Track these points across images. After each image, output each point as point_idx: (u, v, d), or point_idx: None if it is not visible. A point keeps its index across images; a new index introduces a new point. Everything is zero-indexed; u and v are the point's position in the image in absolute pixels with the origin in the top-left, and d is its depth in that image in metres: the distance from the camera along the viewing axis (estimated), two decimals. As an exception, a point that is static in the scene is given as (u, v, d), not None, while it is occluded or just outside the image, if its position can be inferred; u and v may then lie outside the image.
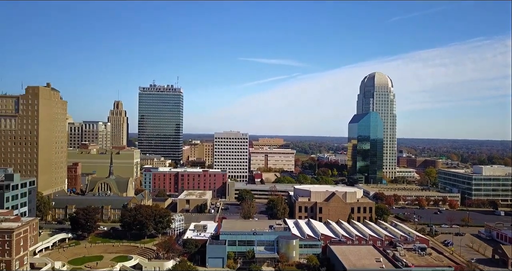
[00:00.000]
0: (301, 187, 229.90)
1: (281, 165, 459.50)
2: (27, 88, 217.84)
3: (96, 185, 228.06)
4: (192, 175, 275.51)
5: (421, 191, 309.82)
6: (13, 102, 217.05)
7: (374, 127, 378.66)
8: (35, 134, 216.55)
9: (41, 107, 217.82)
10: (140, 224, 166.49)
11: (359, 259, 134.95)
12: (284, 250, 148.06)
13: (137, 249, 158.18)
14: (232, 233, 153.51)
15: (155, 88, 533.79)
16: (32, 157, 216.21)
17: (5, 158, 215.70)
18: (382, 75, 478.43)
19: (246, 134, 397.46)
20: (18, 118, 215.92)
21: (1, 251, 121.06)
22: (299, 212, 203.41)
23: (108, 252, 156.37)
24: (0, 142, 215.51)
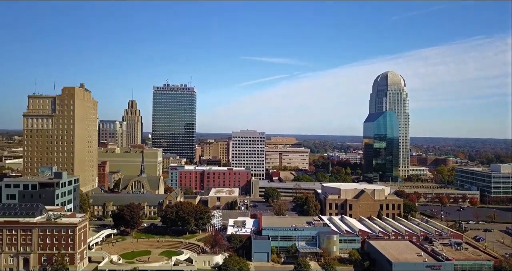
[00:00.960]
0: (330, 185, 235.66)
1: (296, 164, 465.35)
2: (63, 89, 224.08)
3: (130, 183, 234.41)
4: (217, 173, 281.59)
5: (439, 189, 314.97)
6: (49, 103, 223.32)
7: (390, 126, 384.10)
8: (71, 133, 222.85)
9: (76, 108, 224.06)
10: (182, 220, 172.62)
11: (400, 254, 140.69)
12: (325, 245, 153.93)
13: (181, 244, 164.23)
14: (274, 229, 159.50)
15: (169, 87, 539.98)
16: (68, 156, 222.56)
17: (42, 157, 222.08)
18: (395, 74, 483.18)
19: (263, 133, 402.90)
20: (54, 118, 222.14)
21: (65, 245, 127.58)
22: (330, 209, 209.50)
23: (154, 247, 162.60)
24: (38, 141, 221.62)
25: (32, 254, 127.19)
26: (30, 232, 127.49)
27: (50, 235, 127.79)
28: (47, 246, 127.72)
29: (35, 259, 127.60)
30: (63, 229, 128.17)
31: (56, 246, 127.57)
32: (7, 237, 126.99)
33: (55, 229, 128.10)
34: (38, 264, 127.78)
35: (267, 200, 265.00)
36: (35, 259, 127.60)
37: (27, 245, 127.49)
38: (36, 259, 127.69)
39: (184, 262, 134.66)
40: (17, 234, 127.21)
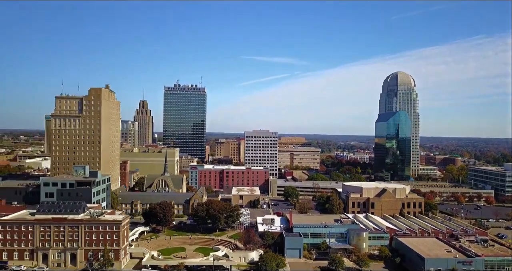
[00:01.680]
0: (351, 184, 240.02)
1: (307, 163, 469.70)
2: (90, 90, 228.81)
3: (154, 182, 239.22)
4: (236, 172, 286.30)
5: (453, 188, 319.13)
6: (76, 103, 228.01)
7: (403, 126, 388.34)
8: (97, 133, 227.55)
9: (102, 108, 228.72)
10: (212, 217, 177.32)
11: (430, 250, 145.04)
12: (355, 241, 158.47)
13: (213, 241, 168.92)
14: (304, 226, 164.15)
15: (179, 88, 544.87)
16: (95, 155, 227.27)
17: (70, 156, 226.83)
18: (405, 74, 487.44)
19: (275, 133, 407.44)
20: (81, 118, 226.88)
21: (110, 241, 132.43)
22: (352, 207, 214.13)
23: (187, 244, 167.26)
24: (65, 141, 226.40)
25: (79, 250, 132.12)
26: (77, 228, 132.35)
27: (96, 232, 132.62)
28: (93, 242, 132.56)
29: (82, 254, 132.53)
30: (109, 226, 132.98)
31: (102, 242, 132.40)
32: (54, 234, 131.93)
33: (100, 225, 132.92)
34: (85, 259, 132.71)
35: (286, 199, 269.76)
36: (82, 254, 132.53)
37: (74, 241, 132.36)
38: (83, 254, 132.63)
39: (224, 258, 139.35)
40: (64, 231, 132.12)
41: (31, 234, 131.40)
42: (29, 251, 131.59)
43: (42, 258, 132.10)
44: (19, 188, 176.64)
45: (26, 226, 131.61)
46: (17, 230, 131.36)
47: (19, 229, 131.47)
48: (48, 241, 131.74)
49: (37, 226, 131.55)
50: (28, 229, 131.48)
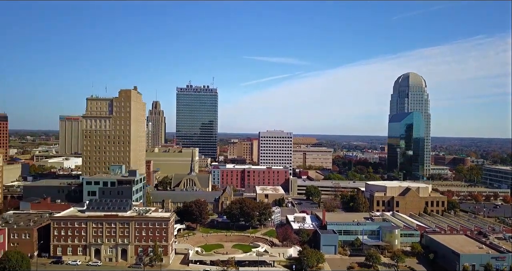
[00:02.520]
0: (375, 183, 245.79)
1: (319, 163, 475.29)
2: (120, 92, 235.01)
3: (182, 181, 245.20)
4: (257, 171, 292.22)
5: (469, 187, 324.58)
6: (106, 105, 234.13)
7: (417, 126, 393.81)
8: (127, 134, 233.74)
9: (132, 109, 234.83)
10: (246, 215, 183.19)
11: (462, 246, 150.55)
12: (387, 238, 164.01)
13: (248, 238, 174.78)
14: (338, 224, 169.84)
15: (191, 88, 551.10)
16: (125, 155, 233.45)
17: (100, 156, 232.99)
18: (416, 75, 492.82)
19: (290, 133, 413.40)
20: (112, 119, 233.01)
21: (159, 237, 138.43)
22: (377, 206, 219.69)
23: (224, 241, 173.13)
24: (96, 141, 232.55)
25: (129, 246, 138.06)
26: (127, 225, 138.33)
27: (145, 228, 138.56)
28: (143, 238, 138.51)
29: (132, 250, 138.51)
30: (158, 223, 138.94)
31: (151, 238, 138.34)
32: (106, 230, 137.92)
33: (150, 222, 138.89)
34: (135, 254, 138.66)
35: (307, 198, 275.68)
36: (132, 250, 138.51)
37: (124, 237, 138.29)
38: (133, 250, 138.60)
39: (267, 253, 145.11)
40: (115, 227, 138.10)
41: (84, 230, 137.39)
42: (82, 246, 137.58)
43: (94, 253, 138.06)
44: (61, 186, 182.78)
45: (80, 223, 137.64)
46: (70, 227, 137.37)
47: (73, 225, 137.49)
48: (100, 237, 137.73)
49: (90, 222, 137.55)
50: (82, 226, 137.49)
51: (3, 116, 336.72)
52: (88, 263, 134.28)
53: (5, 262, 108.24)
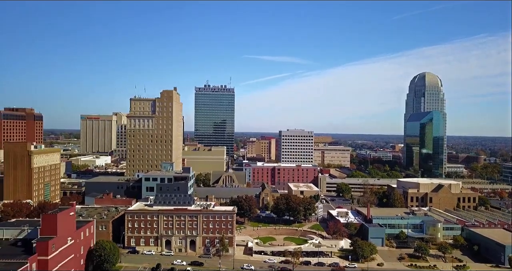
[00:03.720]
0: (407, 180, 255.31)
1: (338, 161, 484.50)
2: (162, 92, 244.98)
3: (221, 178, 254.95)
4: (287, 169, 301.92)
5: (490, 184, 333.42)
6: (149, 105, 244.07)
7: (436, 125, 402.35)
8: (169, 133, 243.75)
9: (173, 109, 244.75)
10: (292, 210, 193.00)
11: (504, 239, 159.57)
12: (430, 231, 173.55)
13: (297, 232, 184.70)
14: (383, 218, 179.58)
15: (209, 88, 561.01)
16: (167, 153, 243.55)
17: (144, 154, 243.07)
18: (432, 75, 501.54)
19: (311, 132, 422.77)
20: (154, 118, 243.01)
21: (224, 229, 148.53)
22: (411, 202, 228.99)
23: (274, 234, 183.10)
24: (140, 140, 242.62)
25: (197, 237, 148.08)
26: (196, 218, 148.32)
27: (212, 221, 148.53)
28: (210, 230, 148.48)
29: (200, 241, 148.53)
30: (223, 216, 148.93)
31: (217, 230, 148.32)
32: (176, 222, 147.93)
33: (216, 215, 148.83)
34: (202, 245, 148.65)
35: (338, 194, 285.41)
36: (200, 241, 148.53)
37: (193, 229, 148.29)
38: (201, 241, 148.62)
39: (324, 245, 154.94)
40: (185, 220, 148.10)
41: (156, 222, 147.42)
42: (154, 237, 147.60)
43: (165, 244, 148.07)
44: (120, 182, 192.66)
45: (152, 216, 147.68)
46: (143, 219, 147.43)
47: (145, 218, 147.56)
48: (170, 229, 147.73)
49: (161, 215, 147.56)
50: (153, 218, 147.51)
51: (39, 116, 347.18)
52: (162, 253, 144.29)
53: (100, 250, 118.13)
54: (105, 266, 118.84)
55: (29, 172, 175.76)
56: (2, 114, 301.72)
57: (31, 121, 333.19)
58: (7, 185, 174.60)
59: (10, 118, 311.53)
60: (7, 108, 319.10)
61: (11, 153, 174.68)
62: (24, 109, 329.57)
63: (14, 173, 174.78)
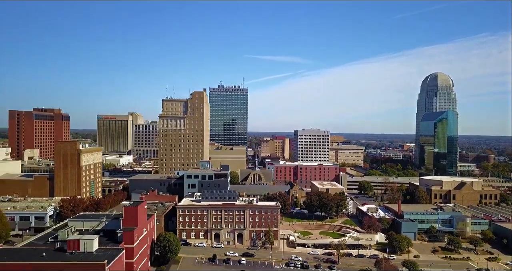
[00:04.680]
0: (429, 178, 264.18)
1: (351, 160, 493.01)
2: (193, 93, 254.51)
3: (249, 176, 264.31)
4: (309, 168, 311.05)
5: (506, 182, 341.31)
6: (181, 105, 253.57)
7: (451, 125, 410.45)
8: (200, 132, 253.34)
9: (204, 109, 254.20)
10: (325, 206, 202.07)
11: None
12: (459, 226, 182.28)
13: (330, 227, 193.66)
14: (413, 213, 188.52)
15: (223, 88, 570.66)
16: (198, 152, 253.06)
17: (176, 153, 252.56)
18: (444, 75, 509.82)
19: (327, 132, 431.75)
20: (186, 119, 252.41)
21: (270, 223, 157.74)
22: (434, 199, 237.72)
23: (309, 229, 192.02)
24: (172, 139, 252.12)
25: (245, 230, 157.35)
26: (243, 212, 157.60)
27: (258, 215, 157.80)
28: (256, 224, 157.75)
29: (247, 234, 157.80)
30: (269, 210, 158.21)
31: (263, 224, 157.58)
32: (224, 217, 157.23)
33: (262, 210, 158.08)
34: (249, 238, 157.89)
35: (360, 192, 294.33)
36: (247, 234, 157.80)
37: (240, 223, 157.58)
38: (248, 234, 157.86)
39: (363, 238, 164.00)
40: (232, 214, 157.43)
41: (206, 217, 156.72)
42: (204, 231, 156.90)
43: (214, 237, 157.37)
44: (162, 180, 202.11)
45: (202, 210, 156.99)
46: (194, 214, 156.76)
47: (196, 212, 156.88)
48: (219, 222, 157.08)
49: (211, 210, 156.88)
50: (203, 213, 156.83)
51: (66, 116, 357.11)
52: (212, 246, 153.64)
53: (165, 241, 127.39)
54: (169, 256, 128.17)
55: (79, 170, 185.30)
56: (34, 114, 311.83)
57: (59, 122, 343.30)
58: (58, 182, 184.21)
59: (41, 118, 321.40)
60: (36, 108, 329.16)
61: (62, 152, 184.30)
62: (53, 110, 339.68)
63: (64, 171, 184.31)
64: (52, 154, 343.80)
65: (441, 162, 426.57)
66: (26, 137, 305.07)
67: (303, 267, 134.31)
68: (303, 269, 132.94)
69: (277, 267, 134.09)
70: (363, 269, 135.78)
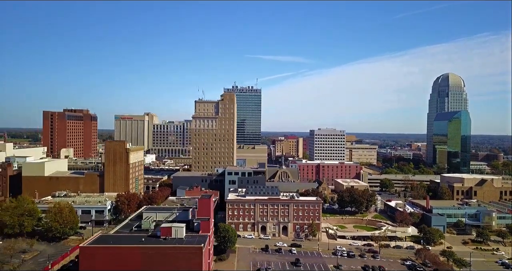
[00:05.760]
0: (450, 175, 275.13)
1: (365, 159, 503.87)
2: (224, 95, 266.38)
3: (277, 174, 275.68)
4: (331, 166, 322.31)
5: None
6: (213, 106, 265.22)
7: (465, 124, 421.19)
8: (231, 132, 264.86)
9: (234, 110, 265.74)
10: (356, 202, 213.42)
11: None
12: (486, 220, 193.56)
13: (362, 221, 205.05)
14: (442, 208, 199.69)
15: (237, 89, 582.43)
16: (229, 151, 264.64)
17: (208, 152, 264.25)
18: (456, 76, 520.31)
19: (343, 132, 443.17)
20: (217, 119, 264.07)
21: (312, 217, 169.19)
22: (456, 195, 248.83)
23: (342, 223, 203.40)
24: (204, 139, 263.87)
25: (289, 223, 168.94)
26: (287, 206, 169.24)
27: (301, 209, 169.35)
28: (299, 217, 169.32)
29: (291, 227, 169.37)
30: (311, 205, 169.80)
31: (306, 217, 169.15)
32: (270, 210, 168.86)
33: (305, 204, 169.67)
34: (293, 230, 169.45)
35: (381, 189, 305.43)
36: (291, 227, 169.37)
37: (285, 216, 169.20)
38: (292, 227, 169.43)
39: (400, 230, 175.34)
40: (277, 208, 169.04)
41: (253, 210, 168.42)
42: (251, 224, 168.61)
43: (261, 229, 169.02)
44: (204, 176, 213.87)
45: (249, 204, 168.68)
46: (241, 208, 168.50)
47: (243, 206, 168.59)
48: (265, 216, 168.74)
49: (257, 204, 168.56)
50: (250, 207, 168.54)
51: (94, 117, 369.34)
52: (260, 237, 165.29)
53: (224, 232, 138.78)
54: (227, 246, 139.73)
55: (127, 167, 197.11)
56: (66, 115, 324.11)
57: (88, 122, 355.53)
58: (107, 178, 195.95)
59: (72, 119, 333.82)
60: (66, 109, 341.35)
61: (112, 150, 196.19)
62: (82, 111, 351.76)
63: (113, 168, 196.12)
64: (82, 153, 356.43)
65: (453, 161, 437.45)
66: (59, 137, 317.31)
67: (350, 256, 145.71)
68: (350, 258, 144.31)
69: (326, 256, 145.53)
70: (404, 258, 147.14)
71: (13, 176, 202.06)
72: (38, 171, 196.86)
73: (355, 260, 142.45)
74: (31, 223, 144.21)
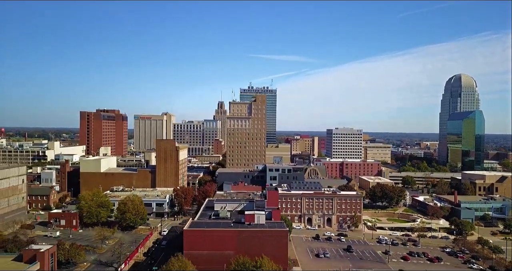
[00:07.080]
0: (472, 172, 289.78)
1: (379, 158, 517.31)
2: (257, 96, 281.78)
3: (307, 171, 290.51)
4: (354, 164, 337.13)
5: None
6: (246, 107, 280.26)
7: (479, 124, 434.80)
8: (263, 131, 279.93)
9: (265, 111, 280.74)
10: (387, 197, 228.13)
11: None
12: (511, 213, 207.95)
13: (394, 214, 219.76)
14: (469, 202, 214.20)
15: (252, 89, 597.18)
16: (261, 149, 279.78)
17: (241, 150, 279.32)
18: (468, 76, 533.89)
19: (360, 131, 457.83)
20: (250, 119, 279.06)
21: (354, 209, 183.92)
22: (478, 191, 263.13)
23: (375, 216, 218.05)
24: (239, 138, 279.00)
25: (333, 216, 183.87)
26: (331, 200, 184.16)
27: (344, 202, 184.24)
28: (342, 210, 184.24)
29: (335, 219, 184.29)
30: (353, 198, 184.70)
31: (348, 210, 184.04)
32: (315, 203, 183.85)
33: (348, 198, 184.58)
34: (336, 222, 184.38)
35: (403, 186, 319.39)
36: (335, 219, 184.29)
37: (329, 209, 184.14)
38: (335, 219, 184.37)
39: (433, 222, 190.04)
40: (322, 202, 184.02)
41: (300, 203, 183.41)
42: (298, 216, 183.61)
43: (307, 221, 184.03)
44: (246, 173, 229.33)
45: (296, 198, 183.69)
46: (289, 201, 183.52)
47: (291, 200, 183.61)
48: (311, 208, 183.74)
49: (304, 198, 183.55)
50: (298, 200, 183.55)
51: (125, 117, 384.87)
52: (307, 228, 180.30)
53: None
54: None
55: (177, 164, 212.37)
56: (102, 115, 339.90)
57: (120, 122, 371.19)
58: (159, 174, 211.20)
59: (106, 119, 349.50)
60: (99, 109, 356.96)
61: (162, 148, 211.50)
62: (114, 111, 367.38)
63: (164, 165, 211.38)
64: (115, 151, 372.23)
65: (466, 159, 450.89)
66: (95, 136, 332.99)
67: (393, 244, 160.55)
68: (394, 246, 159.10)
69: (371, 244, 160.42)
70: (442, 246, 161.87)
71: (70, 172, 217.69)
72: (95, 168, 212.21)
73: (399, 248, 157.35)
74: (106, 213, 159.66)
